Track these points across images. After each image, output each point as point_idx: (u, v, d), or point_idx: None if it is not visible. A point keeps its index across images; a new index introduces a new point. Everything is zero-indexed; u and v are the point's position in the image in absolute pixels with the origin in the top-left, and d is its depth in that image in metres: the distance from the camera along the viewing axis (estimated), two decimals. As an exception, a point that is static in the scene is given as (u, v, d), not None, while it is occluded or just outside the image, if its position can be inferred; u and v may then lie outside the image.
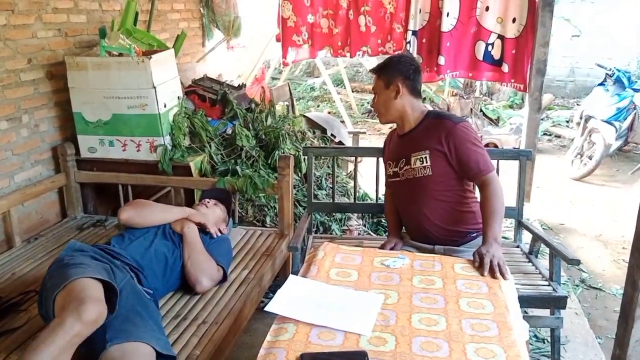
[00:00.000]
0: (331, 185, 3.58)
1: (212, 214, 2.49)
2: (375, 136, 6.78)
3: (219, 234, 2.41)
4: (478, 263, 1.78)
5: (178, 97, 3.04)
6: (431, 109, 2.48)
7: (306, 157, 2.75)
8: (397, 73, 2.10)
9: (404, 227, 2.33)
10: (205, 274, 2.17)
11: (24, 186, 2.76)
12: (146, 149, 2.91)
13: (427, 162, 2.07)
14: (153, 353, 1.64)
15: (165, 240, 2.23)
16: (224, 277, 2.27)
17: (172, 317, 2.02)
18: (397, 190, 2.26)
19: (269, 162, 3.18)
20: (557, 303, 2.12)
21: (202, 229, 2.37)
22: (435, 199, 2.10)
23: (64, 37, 2.95)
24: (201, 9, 4.52)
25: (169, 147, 2.90)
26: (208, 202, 2.55)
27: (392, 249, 2.17)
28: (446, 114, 2.26)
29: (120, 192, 2.99)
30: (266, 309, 1.56)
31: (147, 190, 3.26)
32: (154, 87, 2.75)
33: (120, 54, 2.80)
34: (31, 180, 2.82)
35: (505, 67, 3.69)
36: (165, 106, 2.86)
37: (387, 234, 3.30)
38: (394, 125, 2.29)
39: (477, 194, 2.15)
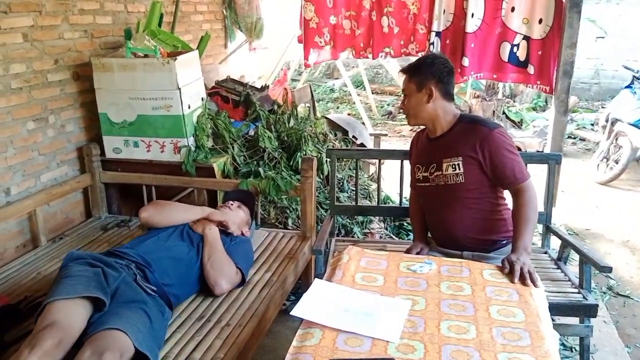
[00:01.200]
0: (353, 188, 3.56)
1: (235, 215, 2.49)
2: (396, 138, 6.74)
3: (239, 234, 2.42)
4: (507, 270, 1.74)
5: (202, 99, 3.04)
6: (463, 111, 2.41)
7: (329, 159, 2.73)
8: (430, 76, 2.03)
9: (429, 232, 2.29)
10: (225, 277, 2.17)
11: (50, 186, 2.79)
12: (170, 150, 2.92)
13: (459, 169, 2.01)
14: (128, 342, 1.60)
15: (180, 240, 2.23)
16: (243, 280, 2.26)
17: (195, 319, 2.02)
18: (425, 195, 2.21)
19: (291, 164, 3.17)
20: (587, 311, 2.07)
21: (223, 230, 2.37)
22: (466, 207, 2.05)
23: (89, 38, 2.98)
24: (224, 10, 4.54)
25: (193, 148, 2.91)
26: (232, 204, 2.54)
27: (418, 253, 2.13)
28: (480, 118, 2.19)
29: (144, 193, 3.01)
30: (292, 313, 1.55)
31: (170, 191, 3.28)
32: (179, 89, 2.76)
33: (146, 55, 2.82)
34: (57, 180, 2.85)
35: (531, 69, 3.62)
36: (189, 107, 2.87)
37: (409, 237, 3.28)
38: (417, 126, 2.25)
39: (508, 200, 2.10)
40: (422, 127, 2.23)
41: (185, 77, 2.82)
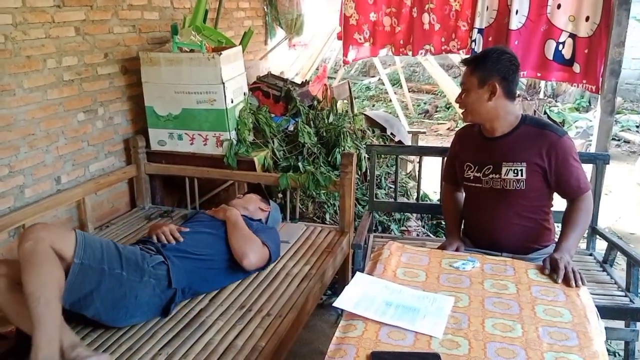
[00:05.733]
0: (390, 185, 3.56)
1: (246, 201, 2.57)
2: (433, 137, 6.68)
3: (259, 215, 2.52)
4: (549, 270, 1.70)
5: (244, 93, 3.10)
6: (526, 113, 2.30)
7: (368, 156, 2.73)
8: (495, 72, 1.90)
9: (464, 230, 2.22)
10: (251, 248, 2.20)
11: (98, 176, 2.89)
12: (213, 143, 2.98)
13: (521, 176, 1.92)
14: None
15: (204, 227, 2.30)
16: (270, 258, 2.29)
17: (237, 308, 2.07)
18: (473, 195, 2.13)
19: (329, 159, 3.19)
20: (634, 315, 2.03)
21: (249, 217, 2.44)
22: (519, 214, 1.99)
23: (137, 33, 3.07)
24: (265, 7, 4.59)
25: (234, 142, 2.96)
26: (238, 196, 2.68)
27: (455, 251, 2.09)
28: (547, 123, 2.07)
29: (187, 185, 3.08)
30: (334, 304, 1.56)
31: (211, 183, 3.34)
32: (223, 83, 2.82)
33: (192, 50, 2.88)
34: (104, 171, 2.95)
35: (577, 67, 3.53)
36: (232, 102, 2.92)
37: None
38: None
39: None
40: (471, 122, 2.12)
41: (229, 72, 2.88)
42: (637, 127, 6.72)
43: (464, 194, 2.24)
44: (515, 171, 1.93)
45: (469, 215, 2.18)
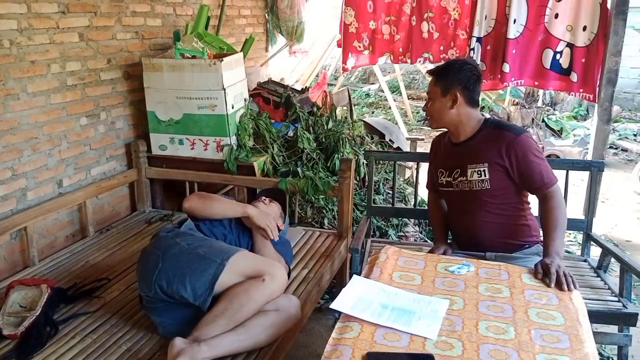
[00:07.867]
0: (388, 191, 3.59)
1: (270, 210, 2.54)
2: (431, 144, 6.72)
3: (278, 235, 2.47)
4: (542, 274, 1.72)
5: (245, 99, 3.14)
6: (488, 116, 2.39)
7: (367, 161, 2.77)
8: (456, 82, 2.01)
9: (450, 235, 2.29)
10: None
11: (99, 179, 2.92)
12: (213, 148, 3.02)
13: (485, 176, 2.00)
14: None
15: (224, 228, 2.28)
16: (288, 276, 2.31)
17: (235, 311, 2.08)
18: (448, 199, 2.22)
19: (328, 165, 3.22)
20: (627, 320, 2.06)
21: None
22: (491, 212, 2.05)
23: (140, 40, 3.11)
24: (266, 14, 4.65)
25: (235, 147, 3.00)
26: (264, 199, 2.58)
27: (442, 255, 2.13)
28: (506, 124, 2.18)
29: (187, 189, 3.12)
30: (331, 306, 1.58)
31: (211, 187, 3.37)
32: (224, 89, 2.86)
33: (194, 57, 2.92)
34: (106, 174, 2.98)
35: (574, 77, 3.57)
36: (232, 107, 2.96)
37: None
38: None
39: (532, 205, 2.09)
40: (445, 130, 2.22)
41: (230, 78, 2.92)
42: (634, 135, 6.77)
43: None
44: (479, 172, 2.02)
45: (450, 219, 2.26)
